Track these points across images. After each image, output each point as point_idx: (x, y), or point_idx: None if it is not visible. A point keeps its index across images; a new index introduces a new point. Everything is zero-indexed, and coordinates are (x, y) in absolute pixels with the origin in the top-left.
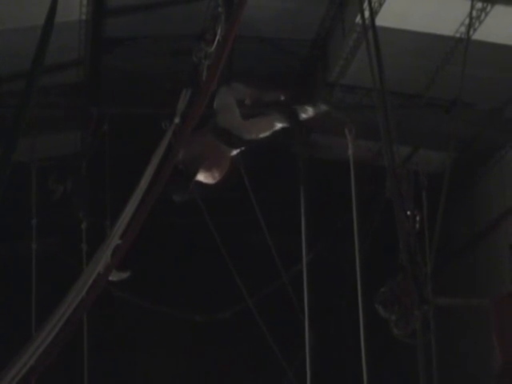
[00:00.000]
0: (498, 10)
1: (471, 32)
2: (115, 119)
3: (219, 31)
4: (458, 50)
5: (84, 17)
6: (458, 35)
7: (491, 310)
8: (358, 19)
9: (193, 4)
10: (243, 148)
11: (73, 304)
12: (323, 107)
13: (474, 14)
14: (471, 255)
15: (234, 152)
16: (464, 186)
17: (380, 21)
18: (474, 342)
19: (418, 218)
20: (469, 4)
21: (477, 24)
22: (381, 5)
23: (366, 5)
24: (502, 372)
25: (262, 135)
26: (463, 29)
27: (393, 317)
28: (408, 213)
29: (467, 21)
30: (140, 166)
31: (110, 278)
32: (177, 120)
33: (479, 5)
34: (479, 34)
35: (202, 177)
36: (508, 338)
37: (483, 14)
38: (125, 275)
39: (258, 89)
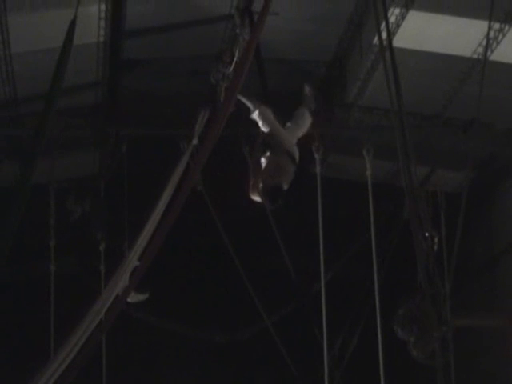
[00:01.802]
0: None
1: (488, 53)
2: (133, 140)
3: (237, 53)
4: (476, 70)
5: (102, 39)
6: (475, 56)
7: (509, 330)
8: (376, 40)
9: (210, 26)
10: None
11: (91, 326)
12: None
13: (492, 34)
14: (490, 275)
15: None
16: (482, 205)
17: (397, 42)
18: (495, 361)
19: (436, 239)
20: (486, 25)
21: (494, 45)
22: (398, 26)
23: (383, 26)
24: None
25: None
26: (480, 49)
27: (412, 338)
28: (426, 234)
29: (484, 41)
30: (158, 187)
31: (129, 300)
32: (195, 141)
33: (496, 26)
34: (496, 55)
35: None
36: None
37: (500, 35)
38: (143, 297)
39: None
